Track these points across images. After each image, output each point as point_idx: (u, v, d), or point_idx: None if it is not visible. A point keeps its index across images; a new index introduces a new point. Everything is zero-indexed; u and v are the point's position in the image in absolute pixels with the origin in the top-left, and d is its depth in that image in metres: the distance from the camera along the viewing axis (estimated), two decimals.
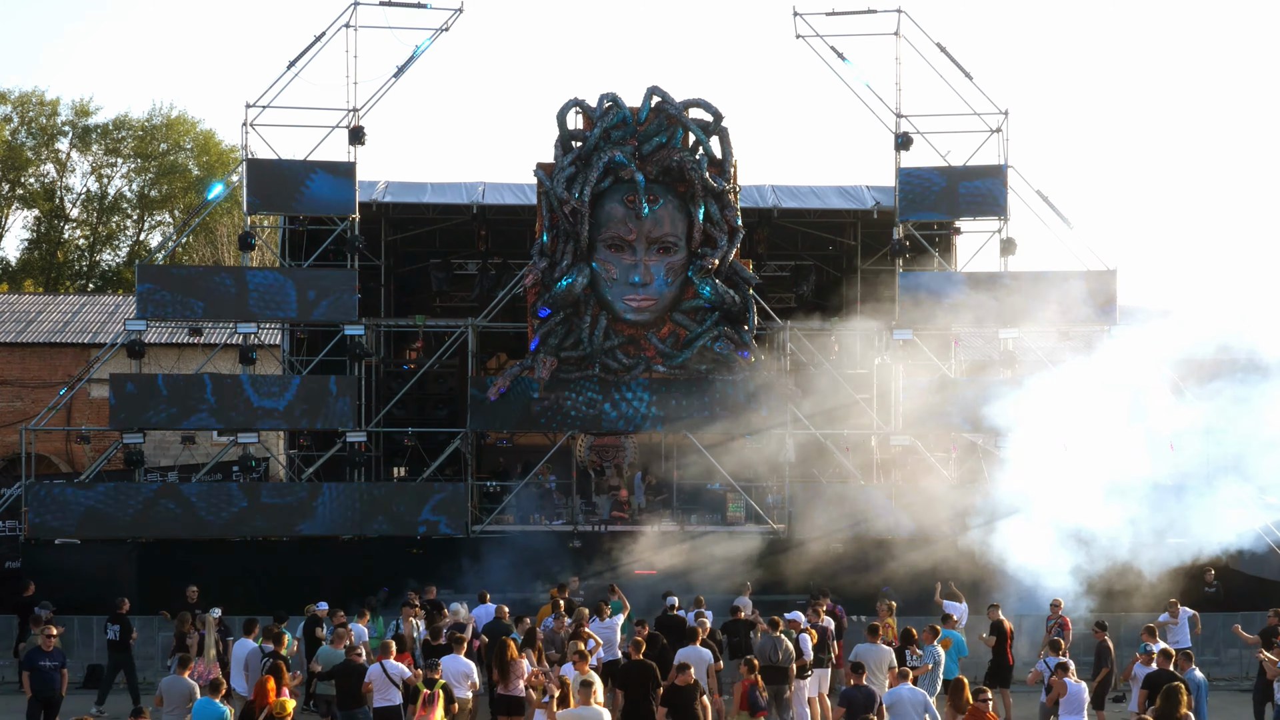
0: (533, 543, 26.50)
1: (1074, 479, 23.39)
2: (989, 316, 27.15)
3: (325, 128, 27.26)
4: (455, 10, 27.63)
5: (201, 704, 14.82)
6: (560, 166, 26.13)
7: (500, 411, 27.18)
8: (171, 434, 31.75)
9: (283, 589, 23.22)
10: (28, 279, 55.51)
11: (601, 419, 27.37)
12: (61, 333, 39.25)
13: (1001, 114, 28.23)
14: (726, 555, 26.10)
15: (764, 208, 29.96)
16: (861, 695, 15.51)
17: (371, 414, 28.10)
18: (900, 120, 28.34)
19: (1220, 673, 23.14)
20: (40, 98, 57.89)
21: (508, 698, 16.85)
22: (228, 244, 47.86)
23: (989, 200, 27.94)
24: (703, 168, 26.20)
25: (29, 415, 32.72)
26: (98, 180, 59.31)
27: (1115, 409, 23.46)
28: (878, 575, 25.63)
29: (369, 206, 28.79)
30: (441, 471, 28.15)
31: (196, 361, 31.61)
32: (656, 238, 26.23)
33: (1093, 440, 23.89)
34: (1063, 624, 20.60)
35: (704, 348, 26.86)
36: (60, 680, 18.39)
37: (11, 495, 26.92)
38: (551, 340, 26.64)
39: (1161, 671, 16.42)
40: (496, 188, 30.53)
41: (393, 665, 16.65)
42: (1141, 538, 24.06)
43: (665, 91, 26.26)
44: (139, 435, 26.69)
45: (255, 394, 26.66)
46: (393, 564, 25.68)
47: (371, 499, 26.72)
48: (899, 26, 28.18)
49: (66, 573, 25.51)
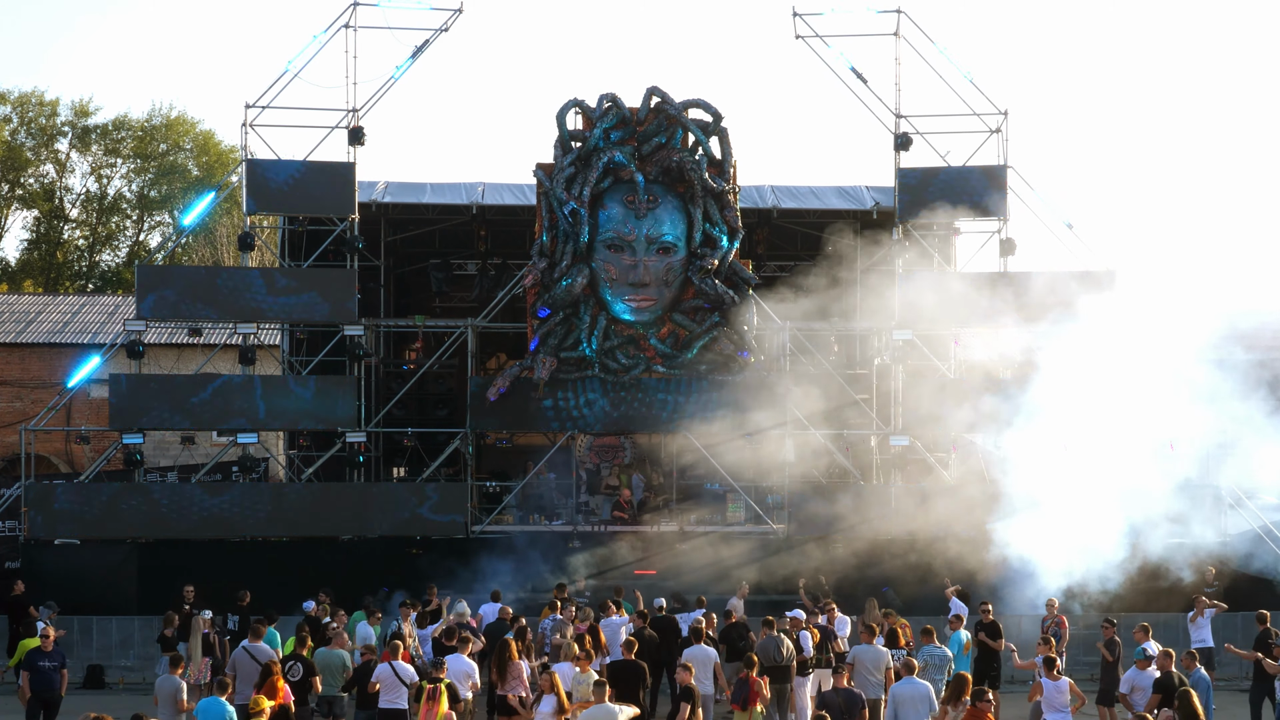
0: (532, 543, 26.52)
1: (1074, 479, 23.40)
2: (989, 316, 27.13)
3: (325, 128, 27.28)
4: (455, 10, 27.62)
5: (207, 703, 14.84)
6: (560, 167, 26.13)
7: (500, 411, 27.17)
8: (171, 434, 31.75)
9: (283, 589, 23.22)
10: (27, 279, 55.51)
11: (602, 419, 27.37)
12: (61, 333, 39.26)
13: (1001, 114, 28.25)
14: (726, 556, 26.11)
15: (764, 208, 29.96)
16: (840, 699, 15.47)
17: (371, 414, 28.10)
18: (900, 120, 28.34)
19: (1220, 673, 23.14)
20: (40, 98, 57.88)
21: (504, 697, 16.87)
22: (227, 244, 47.83)
23: (989, 200, 27.94)
24: (702, 168, 26.21)
25: (29, 415, 32.71)
26: (97, 181, 59.35)
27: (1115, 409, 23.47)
28: (878, 575, 25.62)
29: (369, 206, 28.78)
30: (441, 471, 28.15)
31: (196, 362, 31.61)
32: (656, 238, 26.25)
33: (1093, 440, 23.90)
34: (1059, 623, 20.59)
35: (704, 348, 26.88)
36: (60, 681, 18.38)
37: (11, 495, 26.93)
38: (551, 340, 26.64)
39: (1167, 674, 16.37)
40: (496, 188, 30.53)
41: (402, 666, 16.64)
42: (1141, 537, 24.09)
43: (665, 92, 26.27)
44: (139, 435, 26.69)
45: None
46: (393, 564, 25.69)
47: (371, 499, 26.71)
48: (899, 26, 28.19)
49: (66, 573, 25.52)
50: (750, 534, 27.05)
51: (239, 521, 26.30)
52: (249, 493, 26.83)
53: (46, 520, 25.97)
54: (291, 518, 26.45)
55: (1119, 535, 23.91)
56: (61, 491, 26.75)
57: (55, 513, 26.04)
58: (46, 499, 26.19)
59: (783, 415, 27.25)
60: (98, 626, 24.17)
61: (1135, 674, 16.99)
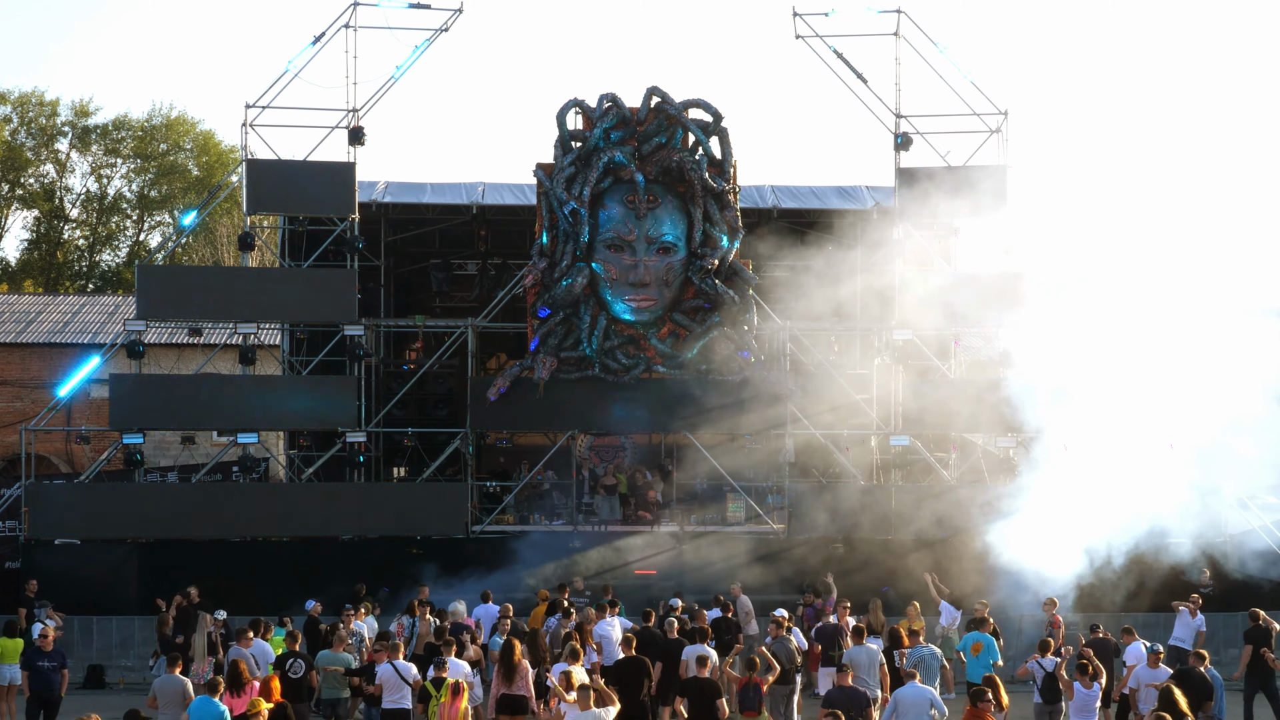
0: (532, 543, 26.52)
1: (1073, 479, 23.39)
2: (988, 316, 27.12)
3: (325, 128, 27.27)
4: (455, 10, 27.62)
5: (199, 702, 14.80)
6: (560, 167, 26.13)
7: (500, 411, 27.17)
8: (171, 434, 31.76)
9: (283, 589, 23.22)
10: (28, 279, 55.50)
11: (602, 419, 27.34)
12: (61, 333, 39.25)
13: (1001, 114, 28.25)
14: (726, 555, 26.10)
15: (764, 208, 29.97)
16: (844, 696, 15.50)
17: (371, 414, 28.10)
18: (900, 120, 28.35)
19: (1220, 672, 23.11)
20: (40, 98, 57.88)
21: (511, 697, 16.87)
22: (228, 244, 47.84)
23: (989, 200, 27.91)
24: (702, 168, 26.22)
25: (29, 415, 32.70)
26: (97, 180, 59.35)
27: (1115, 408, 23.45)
28: (878, 575, 25.62)
29: (369, 206, 28.78)
30: (442, 471, 28.14)
31: (196, 362, 31.62)
32: (656, 238, 26.25)
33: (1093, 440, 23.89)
34: (1054, 624, 20.60)
35: (704, 348, 26.88)
36: (60, 681, 18.37)
37: (11, 495, 26.93)
38: (551, 340, 26.65)
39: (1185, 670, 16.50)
40: (496, 188, 30.53)
41: (404, 665, 16.61)
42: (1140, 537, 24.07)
43: (665, 92, 26.27)
44: (139, 435, 26.69)
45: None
46: (393, 564, 25.69)
47: (371, 499, 26.70)
48: (899, 26, 28.19)
49: (66, 573, 25.50)
50: (750, 534, 27.04)
51: (239, 521, 26.29)
52: (249, 493, 26.81)
53: (46, 520, 25.95)
54: (291, 518, 26.44)
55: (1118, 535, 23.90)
56: (61, 491, 26.74)
57: (55, 513, 26.03)
58: (46, 499, 26.18)
59: (783, 415, 27.26)
60: (98, 626, 24.17)
61: (1143, 671, 17.00)
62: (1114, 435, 23.66)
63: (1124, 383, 24.24)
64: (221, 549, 26.19)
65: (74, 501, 26.21)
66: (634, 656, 16.99)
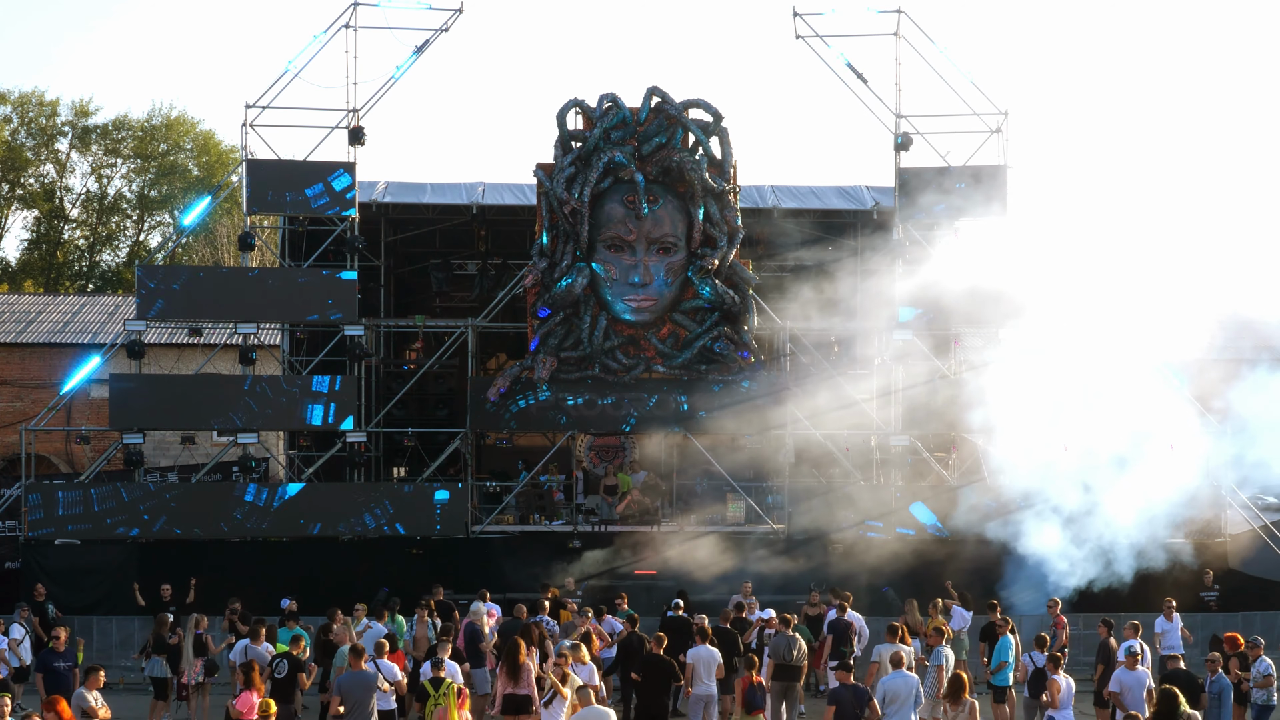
0: (532, 543, 26.49)
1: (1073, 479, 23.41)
2: (989, 316, 27.12)
3: (325, 128, 27.26)
4: (455, 10, 27.62)
5: None
6: (560, 167, 26.13)
7: (500, 411, 27.16)
8: (171, 434, 31.74)
9: (283, 589, 23.20)
10: (28, 279, 55.50)
11: (601, 419, 27.34)
12: (61, 333, 39.27)
13: (1001, 114, 28.25)
14: (726, 555, 26.08)
15: (764, 208, 29.94)
16: (850, 694, 15.52)
17: (371, 414, 28.08)
18: (900, 120, 28.34)
19: None
20: (40, 98, 57.88)
21: (515, 696, 16.86)
22: (228, 244, 47.83)
23: (989, 200, 27.91)
24: (702, 168, 26.21)
25: (29, 415, 32.71)
26: (97, 181, 59.36)
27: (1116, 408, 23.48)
28: (878, 575, 25.61)
29: (369, 206, 28.77)
30: (442, 471, 28.14)
31: (196, 362, 31.59)
32: (656, 238, 26.26)
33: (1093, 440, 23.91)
34: (1057, 624, 20.56)
35: (704, 348, 26.87)
36: (73, 680, 18.27)
37: (11, 495, 26.92)
38: (551, 340, 26.64)
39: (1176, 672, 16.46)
40: (496, 188, 30.53)
41: (385, 665, 16.56)
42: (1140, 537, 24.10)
43: (665, 92, 26.26)
44: (139, 435, 26.68)
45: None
46: (393, 564, 25.67)
47: (371, 499, 26.69)
48: (899, 27, 28.18)
49: (66, 573, 25.50)
50: (750, 534, 27.03)
51: (239, 521, 26.28)
52: (248, 493, 26.77)
53: (46, 520, 25.96)
54: (291, 518, 26.43)
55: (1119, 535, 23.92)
56: (61, 491, 26.72)
57: (55, 513, 26.02)
58: (46, 499, 26.18)
59: (783, 415, 27.25)
60: (98, 626, 24.15)
61: (1123, 673, 16.76)
62: (1114, 435, 23.69)
63: (1124, 383, 24.27)
64: (221, 549, 26.16)
65: (74, 501, 26.19)
66: (660, 656, 16.98)
